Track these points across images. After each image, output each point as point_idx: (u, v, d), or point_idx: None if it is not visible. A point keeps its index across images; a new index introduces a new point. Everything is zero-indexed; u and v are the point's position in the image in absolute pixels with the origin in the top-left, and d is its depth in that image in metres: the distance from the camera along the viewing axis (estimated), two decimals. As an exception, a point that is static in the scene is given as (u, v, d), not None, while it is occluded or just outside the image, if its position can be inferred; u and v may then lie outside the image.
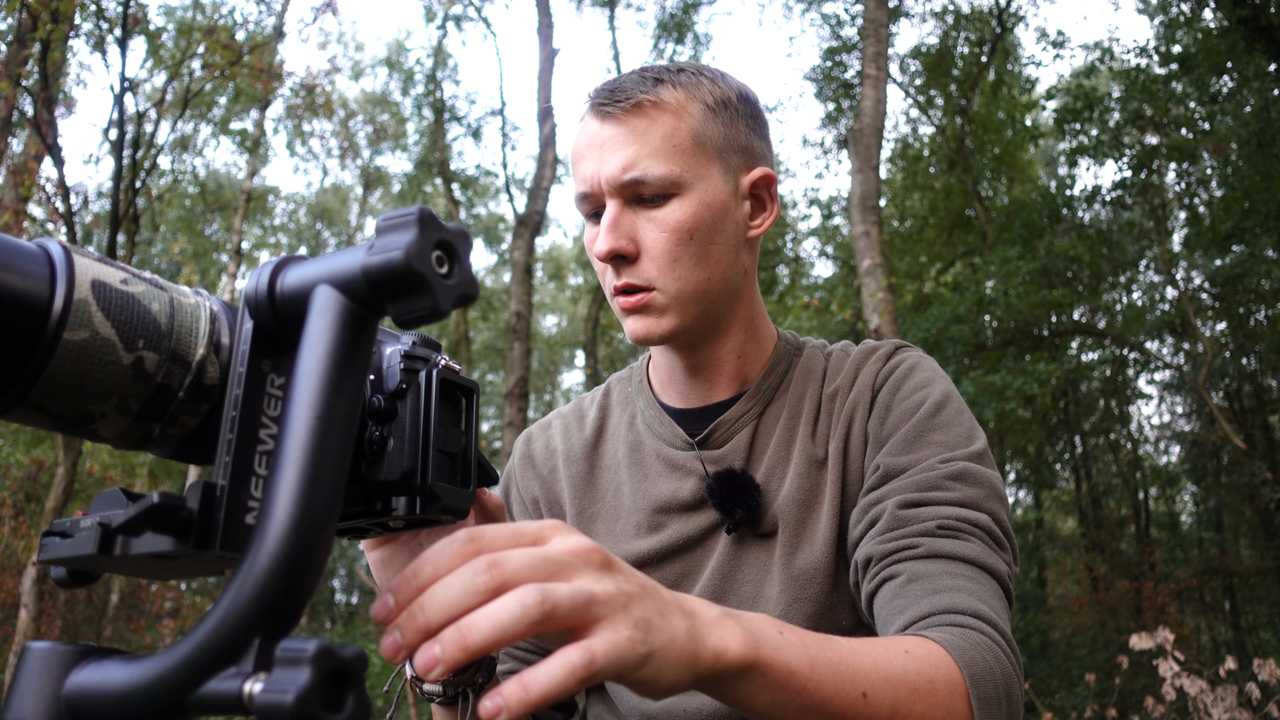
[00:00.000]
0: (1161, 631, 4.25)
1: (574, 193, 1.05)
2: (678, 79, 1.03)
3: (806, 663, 0.65)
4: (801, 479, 1.03)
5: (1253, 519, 13.65)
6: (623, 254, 1.00)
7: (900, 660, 0.72)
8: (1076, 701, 8.34)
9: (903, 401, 1.02)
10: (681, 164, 1.00)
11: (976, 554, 0.88)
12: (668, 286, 1.01)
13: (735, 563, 1.04)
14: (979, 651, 0.78)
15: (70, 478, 7.46)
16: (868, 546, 0.93)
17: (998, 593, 0.87)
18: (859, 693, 0.68)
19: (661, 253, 1.00)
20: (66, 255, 0.45)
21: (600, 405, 1.22)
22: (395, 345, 0.63)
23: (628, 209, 1.01)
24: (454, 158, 15.78)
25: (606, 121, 1.01)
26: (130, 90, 8.12)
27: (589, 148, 1.02)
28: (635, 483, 1.12)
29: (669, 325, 1.02)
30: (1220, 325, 12.71)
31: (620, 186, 1.00)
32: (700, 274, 1.02)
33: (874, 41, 7.84)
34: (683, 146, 1.01)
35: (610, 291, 1.04)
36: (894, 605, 0.87)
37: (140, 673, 0.42)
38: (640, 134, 1.00)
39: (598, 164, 1.01)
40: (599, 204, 1.03)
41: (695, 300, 1.02)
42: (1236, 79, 10.58)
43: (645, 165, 0.99)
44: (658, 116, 1.01)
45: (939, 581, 0.86)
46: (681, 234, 1.00)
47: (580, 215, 1.09)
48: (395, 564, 0.78)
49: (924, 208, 13.86)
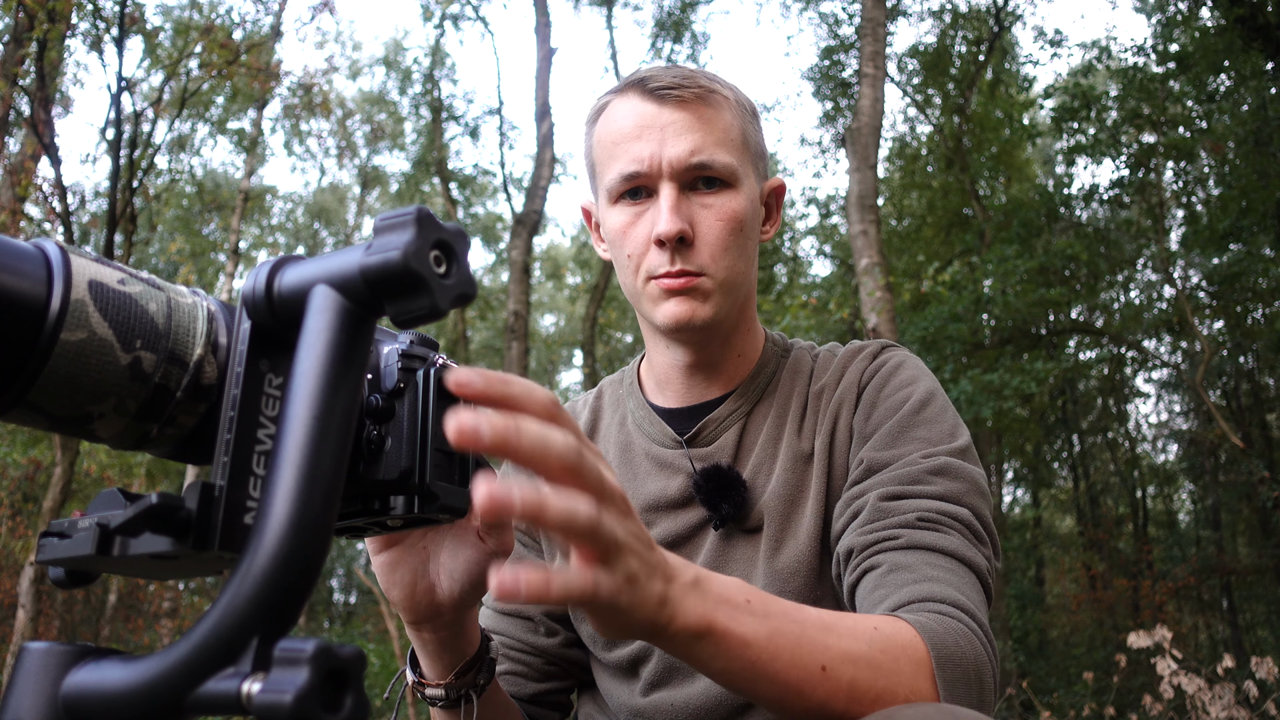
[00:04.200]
0: (1159, 630, 4.26)
1: (612, 174, 1.03)
2: (720, 80, 1.06)
3: (765, 634, 0.66)
4: (787, 475, 1.04)
5: (1250, 517, 13.68)
6: (684, 237, 1.00)
7: (865, 636, 0.73)
8: (1074, 700, 8.35)
9: (888, 398, 1.03)
10: (738, 157, 1.03)
11: (956, 547, 0.89)
12: (717, 274, 1.02)
13: (722, 559, 1.05)
14: (951, 635, 0.78)
15: (68, 478, 7.45)
16: (849, 538, 0.94)
17: (976, 586, 0.88)
18: (818, 666, 0.69)
19: (716, 239, 1.02)
20: (63, 255, 0.45)
21: (592, 408, 1.22)
22: (393, 344, 0.63)
23: (683, 194, 1.02)
24: (452, 157, 15.78)
25: (667, 105, 1.01)
26: (127, 90, 8.11)
27: (645, 129, 1.01)
28: (625, 482, 1.12)
29: (711, 311, 1.03)
30: (1218, 324, 12.73)
31: (685, 169, 1.01)
32: (741, 266, 1.04)
33: (872, 40, 7.84)
34: (737, 142, 1.04)
35: (649, 274, 1.03)
36: (874, 595, 0.88)
37: (138, 673, 0.42)
38: (707, 121, 1.02)
39: (658, 145, 1.00)
40: (649, 184, 1.02)
41: (733, 291, 1.04)
42: (1234, 77, 10.59)
43: (712, 152, 1.01)
44: (721, 107, 1.03)
45: (919, 572, 0.86)
46: (735, 224, 1.02)
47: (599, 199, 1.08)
48: (402, 567, 0.78)
49: (922, 206, 13.87)
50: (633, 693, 1.06)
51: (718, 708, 0.99)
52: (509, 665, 1.13)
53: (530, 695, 1.12)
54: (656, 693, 1.04)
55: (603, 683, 1.12)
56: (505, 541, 0.78)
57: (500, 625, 1.15)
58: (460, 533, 0.78)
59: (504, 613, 1.15)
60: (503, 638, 1.14)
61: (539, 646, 1.13)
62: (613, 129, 1.05)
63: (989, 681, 0.80)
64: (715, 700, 0.99)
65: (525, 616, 1.14)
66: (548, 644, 1.13)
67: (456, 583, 0.78)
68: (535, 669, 1.13)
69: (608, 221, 1.07)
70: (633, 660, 1.07)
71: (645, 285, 1.04)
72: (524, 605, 1.13)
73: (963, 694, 0.76)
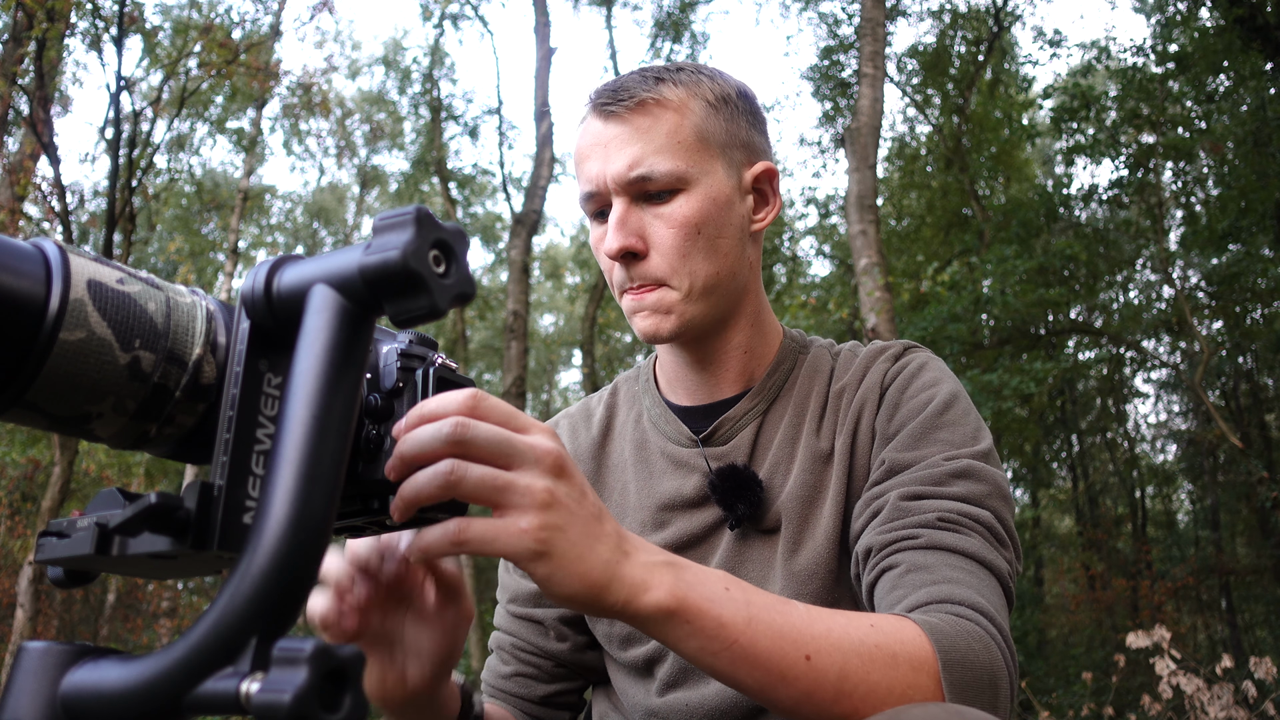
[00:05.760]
0: (1158, 630, 4.26)
1: (579, 193, 1.06)
2: (678, 77, 1.04)
3: (743, 619, 0.67)
4: (805, 475, 1.03)
5: (1249, 517, 13.68)
6: (633, 251, 1.00)
7: (860, 630, 0.73)
8: (1073, 700, 8.35)
9: (910, 399, 1.02)
10: (686, 160, 1.01)
11: (977, 549, 0.88)
12: (679, 282, 1.01)
13: (738, 559, 1.04)
14: (965, 639, 0.76)
15: (67, 477, 7.44)
16: (868, 537, 0.93)
17: (997, 589, 0.87)
18: (802, 655, 0.69)
19: (670, 248, 1.00)
20: (62, 255, 0.45)
21: (607, 404, 1.21)
22: (392, 344, 0.63)
23: (634, 207, 1.01)
24: (451, 157, 15.76)
25: (610, 121, 1.01)
26: (126, 89, 8.10)
27: (593, 147, 1.02)
28: (641, 481, 1.12)
29: (677, 322, 1.02)
30: (1217, 324, 12.73)
31: (627, 184, 1.00)
32: (709, 268, 1.02)
33: (871, 40, 7.84)
34: (686, 143, 1.01)
35: (618, 290, 1.04)
36: (892, 595, 0.86)
37: (137, 673, 0.42)
38: (645, 131, 1.00)
39: (603, 163, 1.01)
40: (605, 203, 1.03)
41: (705, 294, 1.03)
42: (1233, 78, 10.60)
43: (651, 162, 1.00)
44: (661, 114, 1.01)
45: (938, 573, 0.85)
46: (689, 229, 1.00)
47: (584, 215, 1.09)
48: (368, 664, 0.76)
49: (921, 207, 13.87)
50: (648, 693, 1.06)
51: (733, 709, 0.99)
52: (519, 667, 1.13)
53: (540, 697, 1.12)
54: (672, 693, 1.03)
55: (618, 682, 1.12)
56: (465, 609, 0.76)
57: (512, 627, 1.15)
58: (417, 614, 0.76)
59: (516, 616, 1.15)
60: (514, 639, 1.14)
61: (549, 650, 1.13)
62: (577, 149, 1.06)
63: (1004, 688, 0.78)
64: (731, 701, 0.99)
65: (537, 620, 1.14)
66: (558, 648, 1.13)
67: (425, 664, 0.76)
68: (546, 671, 1.13)
69: (591, 238, 1.08)
70: (648, 660, 1.06)
71: (620, 299, 1.05)
72: (535, 610, 1.14)
73: (974, 698, 0.74)
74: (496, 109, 15.40)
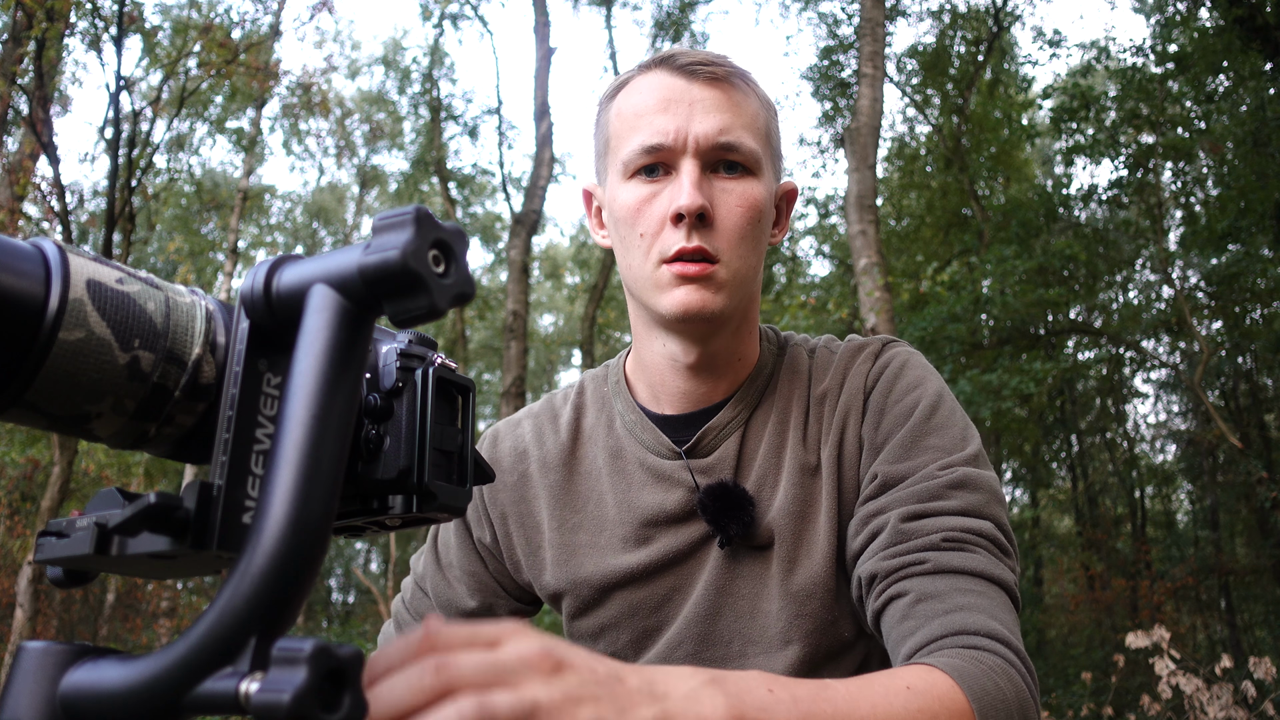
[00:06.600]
0: (1157, 630, 4.26)
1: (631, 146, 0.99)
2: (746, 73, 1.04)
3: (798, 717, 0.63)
4: (794, 489, 1.00)
5: (1248, 517, 13.68)
6: (705, 214, 0.96)
7: (901, 699, 0.71)
8: (1073, 700, 8.36)
9: (896, 404, 0.99)
10: (761, 146, 1.01)
11: (983, 566, 0.87)
12: (729, 261, 0.98)
13: (729, 575, 1.02)
14: (990, 677, 0.76)
15: (66, 477, 7.44)
16: (871, 563, 0.91)
17: (1006, 605, 0.86)
18: None
19: (734, 226, 0.98)
20: (61, 254, 0.45)
21: (575, 405, 1.15)
22: (391, 343, 0.63)
23: (704, 175, 0.98)
24: (450, 156, 15.77)
25: (698, 81, 0.99)
26: (126, 89, 8.11)
27: (671, 102, 0.98)
28: (619, 492, 1.07)
29: (723, 303, 0.98)
30: (1216, 324, 12.73)
31: (712, 147, 0.97)
32: (753, 259, 1.00)
33: (871, 40, 7.84)
34: (761, 131, 1.01)
35: (662, 256, 0.98)
36: (904, 627, 0.85)
37: (136, 672, 0.42)
38: (736, 104, 0.99)
39: (685, 119, 0.97)
40: (669, 160, 0.98)
41: (743, 285, 1.00)
42: (1232, 78, 10.60)
43: (740, 134, 0.98)
44: (748, 93, 1.01)
45: (949, 600, 0.84)
46: (754, 212, 0.99)
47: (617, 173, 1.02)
48: None
49: (920, 207, 13.88)
50: None
51: None
52: None
53: None
54: None
55: None
56: None
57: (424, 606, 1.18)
58: None
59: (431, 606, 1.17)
60: None
61: None
62: (635, 101, 1.00)
63: (1032, 714, 0.78)
64: None
65: None
66: None
67: None
68: None
69: (619, 198, 1.01)
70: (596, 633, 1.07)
71: (656, 269, 0.98)
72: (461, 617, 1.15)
73: None
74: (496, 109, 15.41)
